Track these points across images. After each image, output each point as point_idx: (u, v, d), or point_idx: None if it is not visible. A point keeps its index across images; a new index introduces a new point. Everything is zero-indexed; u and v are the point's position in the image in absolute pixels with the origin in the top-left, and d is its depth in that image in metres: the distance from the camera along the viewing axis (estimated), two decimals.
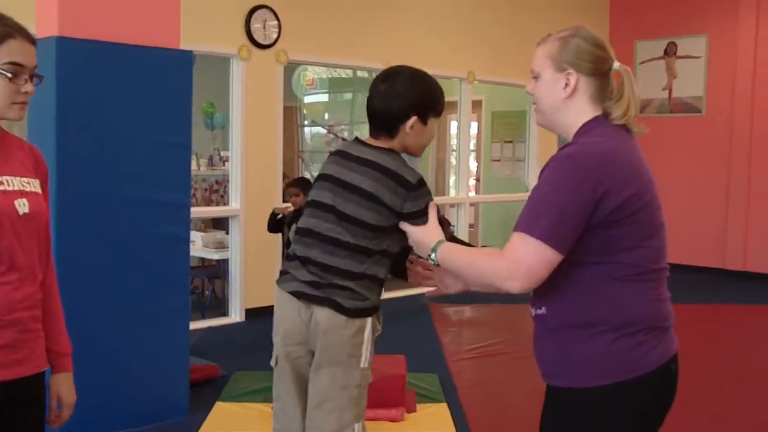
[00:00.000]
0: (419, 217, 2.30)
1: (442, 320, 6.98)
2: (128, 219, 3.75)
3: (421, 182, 2.35)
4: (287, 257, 2.52)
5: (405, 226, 2.32)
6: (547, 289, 1.90)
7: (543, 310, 1.97)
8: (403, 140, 2.40)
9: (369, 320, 2.40)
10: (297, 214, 5.54)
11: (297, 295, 2.40)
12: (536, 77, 2.04)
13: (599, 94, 2.01)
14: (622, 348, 1.86)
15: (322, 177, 2.46)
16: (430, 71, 7.93)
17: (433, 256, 2.13)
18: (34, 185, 1.95)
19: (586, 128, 1.99)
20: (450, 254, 2.10)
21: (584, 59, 1.99)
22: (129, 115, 3.74)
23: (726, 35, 9.12)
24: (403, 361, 4.43)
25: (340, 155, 2.45)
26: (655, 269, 1.91)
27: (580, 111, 2.01)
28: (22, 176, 1.92)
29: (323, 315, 2.36)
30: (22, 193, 1.89)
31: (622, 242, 1.86)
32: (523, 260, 1.82)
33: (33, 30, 3.60)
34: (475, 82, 8.30)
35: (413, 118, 2.37)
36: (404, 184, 2.32)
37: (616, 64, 2.02)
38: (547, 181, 1.88)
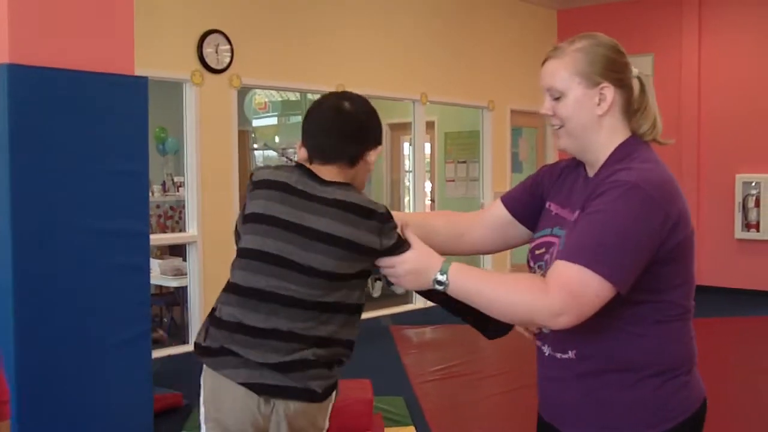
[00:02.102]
0: (399, 248, 1.91)
1: (404, 342, 6.96)
2: (86, 248, 3.67)
3: (389, 211, 2.01)
4: (216, 322, 2.01)
5: (388, 260, 1.91)
6: (577, 330, 1.67)
7: (571, 354, 1.77)
8: (358, 172, 2.09)
9: (334, 391, 2.11)
10: None
11: (255, 388, 1.97)
12: (559, 97, 1.80)
13: (627, 107, 1.83)
14: (667, 393, 1.72)
15: (263, 219, 2.00)
16: (383, 93, 7.96)
17: (442, 278, 1.75)
18: None
19: (624, 150, 1.80)
20: (467, 279, 1.74)
21: (614, 69, 1.81)
22: (84, 142, 3.67)
23: (671, 54, 9.31)
24: (368, 385, 4.39)
25: (284, 190, 2.00)
26: (691, 307, 1.78)
27: (613, 129, 1.82)
28: None
29: (294, 409, 2.01)
30: None
31: (672, 280, 1.72)
32: (582, 295, 1.62)
33: None
34: (428, 103, 8.34)
35: (378, 148, 2.12)
36: (377, 217, 1.96)
37: (635, 71, 1.88)
38: (614, 211, 1.65)
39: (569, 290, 1.62)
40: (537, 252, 1.89)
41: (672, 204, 1.68)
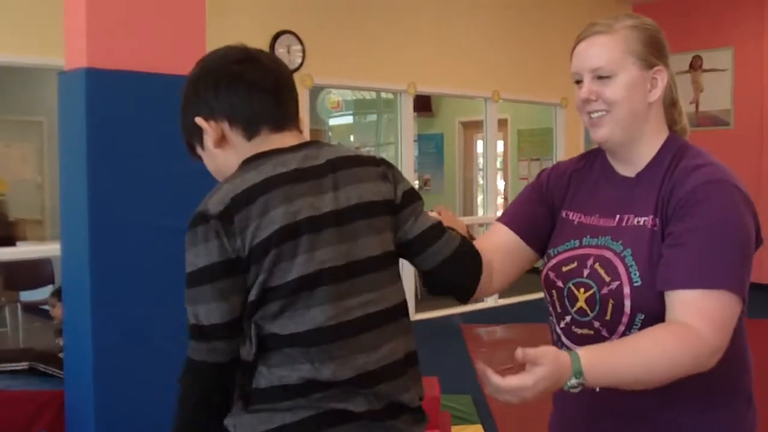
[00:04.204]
0: (416, 200, 1.61)
1: (474, 341, 6.93)
2: (161, 245, 3.76)
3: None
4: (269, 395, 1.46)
5: (515, 382, 1.41)
6: None
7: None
8: None
9: None
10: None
11: None
12: (606, 76, 1.59)
13: (665, 98, 1.66)
14: (753, 414, 1.61)
15: (293, 230, 1.44)
16: (455, 91, 7.94)
17: (576, 382, 1.41)
18: None
19: (675, 145, 1.62)
20: (605, 368, 1.43)
21: (665, 54, 1.63)
22: (159, 142, 3.77)
23: (752, 47, 9.05)
24: (436, 383, 4.39)
25: (289, 180, 1.47)
26: (745, 308, 1.57)
27: (659, 121, 1.65)
28: None
29: None
30: None
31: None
32: (730, 322, 1.46)
33: (62, 61, 3.65)
34: (500, 100, 8.29)
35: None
36: (381, 162, 1.61)
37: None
38: (726, 220, 1.48)
39: (719, 323, 1.44)
40: (566, 268, 1.65)
41: (752, 202, 1.55)
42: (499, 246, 1.77)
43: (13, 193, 10.89)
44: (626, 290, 1.54)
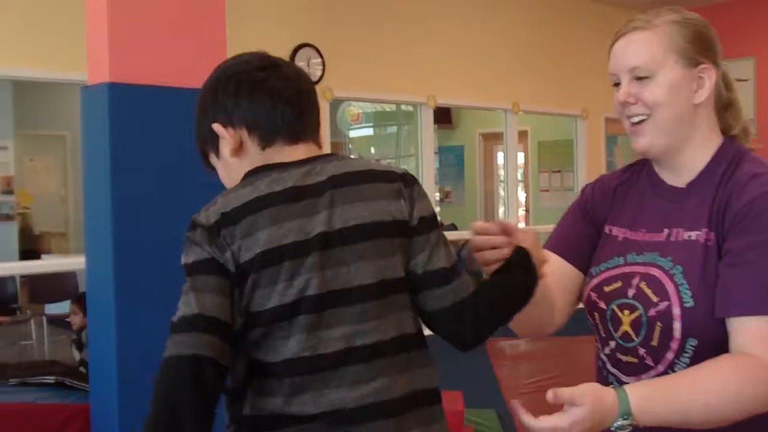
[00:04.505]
0: (432, 230, 1.42)
1: (498, 354, 6.90)
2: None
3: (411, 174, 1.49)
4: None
5: (532, 420, 1.31)
6: None
7: None
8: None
9: None
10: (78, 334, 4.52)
11: None
12: (645, 77, 1.45)
13: (718, 100, 1.51)
14: None
15: (278, 255, 1.33)
16: (475, 103, 7.94)
17: (621, 423, 1.28)
18: None
19: (729, 151, 1.48)
20: (661, 405, 1.30)
21: (713, 50, 1.48)
22: (182, 155, 3.79)
23: None
24: (460, 397, 4.38)
25: (281, 199, 1.35)
26: None
27: (710, 125, 1.49)
28: None
29: None
30: None
31: None
32: None
33: (85, 76, 3.69)
34: (520, 112, 8.27)
35: None
36: (396, 177, 1.43)
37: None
38: None
39: None
40: (608, 288, 1.51)
41: None
42: (552, 277, 1.55)
43: (37, 207, 10.99)
44: (676, 311, 1.40)
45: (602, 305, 1.51)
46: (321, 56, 6.63)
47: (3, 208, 9.45)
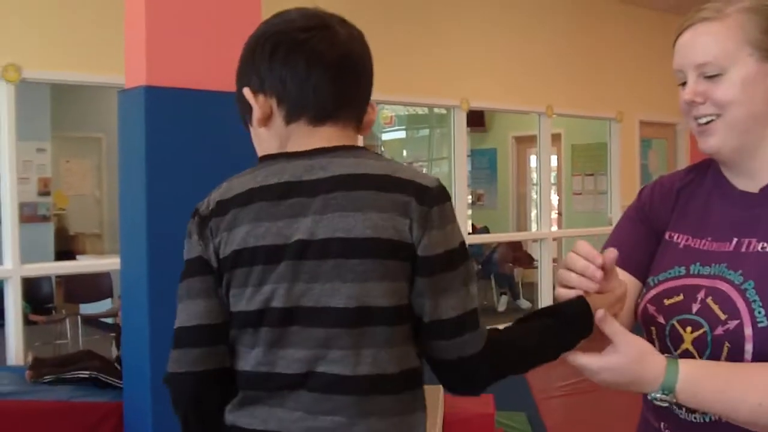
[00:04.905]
0: (447, 269, 1.20)
1: None
2: None
3: (444, 189, 1.25)
4: None
5: (583, 358, 1.26)
6: None
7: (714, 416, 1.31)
8: (366, 124, 1.39)
9: None
10: None
11: None
12: (716, 75, 1.31)
13: None
14: None
15: (251, 255, 1.22)
16: (508, 106, 7.91)
17: (659, 396, 1.24)
18: None
19: None
20: (711, 392, 1.23)
21: None
22: (216, 159, 3.82)
23: None
24: (490, 400, 4.38)
25: (270, 195, 1.24)
26: None
27: None
28: None
29: None
30: None
31: None
32: None
33: (122, 78, 3.74)
34: (554, 115, 8.24)
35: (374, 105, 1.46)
36: (410, 189, 1.20)
37: None
38: None
39: None
40: (668, 302, 1.38)
41: None
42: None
43: (72, 208, 11.14)
44: (747, 331, 1.26)
45: (661, 320, 1.38)
46: None
47: (40, 209, 9.59)
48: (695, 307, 1.33)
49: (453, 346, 1.21)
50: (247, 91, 1.30)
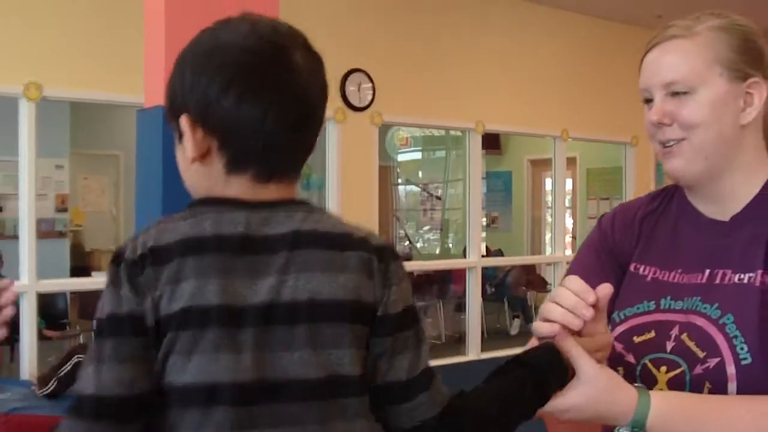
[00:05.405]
0: (405, 328, 1.10)
1: None
2: None
3: (394, 246, 1.20)
4: None
5: (556, 403, 1.15)
6: None
7: None
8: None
9: None
10: None
11: None
12: (683, 92, 1.23)
13: (765, 121, 1.28)
14: None
15: (201, 316, 1.02)
16: (524, 129, 7.95)
17: (632, 431, 1.15)
18: None
19: None
20: (686, 428, 1.14)
21: (764, 62, 1.26)
22: None
23: None
24: None
25: (223, 247, 1.05)
26: None
27: (759, 148, 1.28)
28: None
29: None
30: None
31: None
32: None
33: (141, 98, 3.78)
34: (570, 139, 8.25)
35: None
36: (377, 249, 1.11)
37: None
38: None
39: None
40: (639, 339, 1.27)
41: None
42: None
43: (89, 225, 11.21)
44: (730, 370, 1.17)
45: (630, 359, 1.27)
46: (371, 81, 6.70)
47: (57, 225, 9.66)
48: (669, 345, 1.24)
49: (407, 410, 1.09)
50: (184, 120, 1.10)
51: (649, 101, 1.30)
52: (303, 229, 1.07)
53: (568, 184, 9.50)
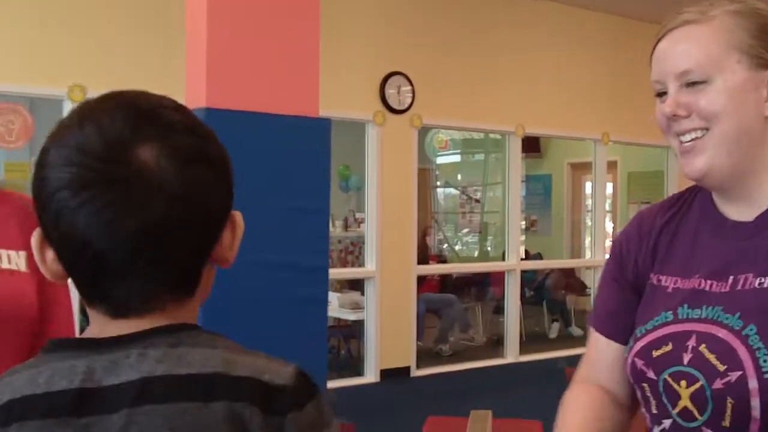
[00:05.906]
0: None
1: None
2: (267, 281, 3.87)
3: (308, 382, 0.89)
4: None
5: None
6: None
7: None
8: (206, 283, 0.94)
9: None
10: None
11: None
12: (700, 81, 1.13)
13: None
14: None
15: None
16: (564, 133, 7.92)
17: None
18: (14, 261, 1.35)
19: None
20: None
21: None
22: (270, 180, 3.90)
23: None
24: (539, 427, 4.34)
25: (50, 409, 0.79)
26: None
27: None
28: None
29: None
30: None
31: None
32: None
33: (183, 101, 3.83)
34: (610, 143, 8.19)
35: (237, 216, 0.95)
36: (263, 395, 0.84)
37: None
38: None
39: None
40: (657, 353, 1.18)
41: None
42: (607, 366, 1.29)
43: None
44: (752, 384, 1.07)
45: (651, 374, 1.17)
46: (411, 84, 6.71)
47: None
48: (686, 357, 1.14)
49: None
50: (35, 238, 0.85)
51: (662, 95, 1.20)
52: (155, 375, 0.80)
53: (609, 187, 9.43)
